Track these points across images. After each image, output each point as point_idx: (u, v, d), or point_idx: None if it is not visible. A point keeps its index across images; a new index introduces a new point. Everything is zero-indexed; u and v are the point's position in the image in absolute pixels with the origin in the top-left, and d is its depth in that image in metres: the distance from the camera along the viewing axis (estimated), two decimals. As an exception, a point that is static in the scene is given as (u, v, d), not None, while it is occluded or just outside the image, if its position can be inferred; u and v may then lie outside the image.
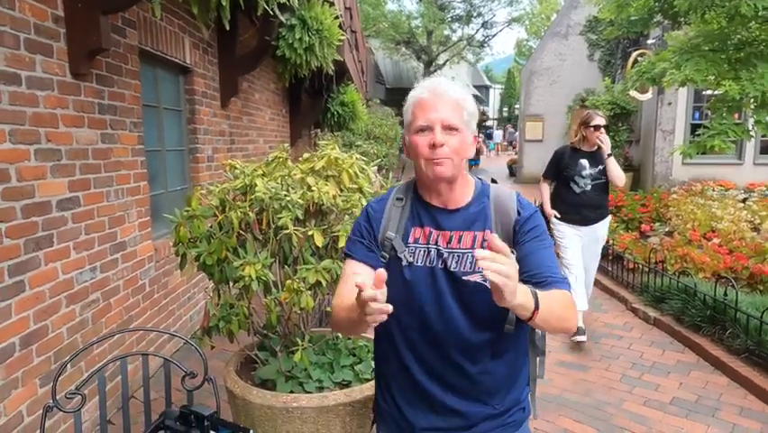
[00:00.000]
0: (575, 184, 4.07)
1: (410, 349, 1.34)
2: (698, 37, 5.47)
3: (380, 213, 1.37)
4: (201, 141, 4.63)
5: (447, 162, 1.26)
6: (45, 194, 2.52)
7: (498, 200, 1.34)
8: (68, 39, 2.67)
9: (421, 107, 1.27)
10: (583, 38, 15.03)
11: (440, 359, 1.31)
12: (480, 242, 1.30)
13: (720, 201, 6.98)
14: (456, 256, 1.29)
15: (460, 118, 1.26)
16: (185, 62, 4.23)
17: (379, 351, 1.45)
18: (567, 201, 4.14)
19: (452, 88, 1.28)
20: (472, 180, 1.39)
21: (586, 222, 4.13)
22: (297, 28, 5.00)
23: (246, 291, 1.97)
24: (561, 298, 1.21)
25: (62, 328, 2.65)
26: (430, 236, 1.32)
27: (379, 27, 19.48)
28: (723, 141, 5.00)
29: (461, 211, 1.33)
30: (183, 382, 1.72)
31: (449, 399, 1.32)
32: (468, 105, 1.29)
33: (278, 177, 2.15)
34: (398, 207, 1.36)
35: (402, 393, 1.37)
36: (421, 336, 1.31)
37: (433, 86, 1.29)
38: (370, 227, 1.37)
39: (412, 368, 1.34)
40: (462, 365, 1.30)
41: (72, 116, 2.73)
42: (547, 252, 1.31)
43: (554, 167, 4.22)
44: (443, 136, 1.24)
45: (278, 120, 7.60)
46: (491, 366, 1.32)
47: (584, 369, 3.76)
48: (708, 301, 4.10)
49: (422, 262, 1.31)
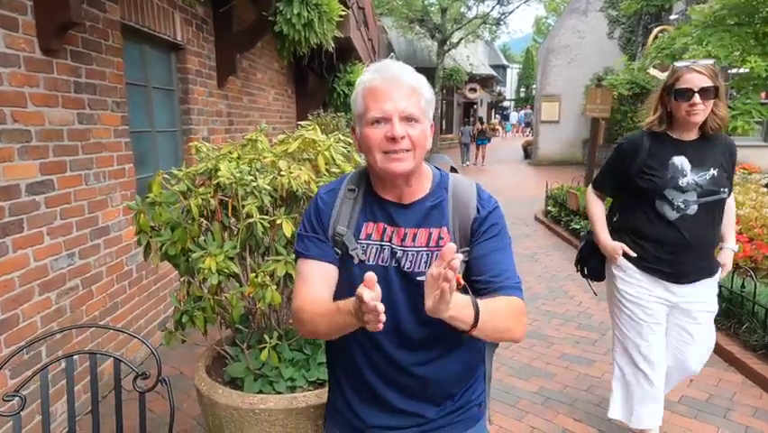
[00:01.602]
0: (666, 203, 2.17)
1: (361, 350, 1.26)
2: (723, 9, 5.12)
3: (330, 205, 1.24)
4: (195, 122, 4.48)
5: (407, 156, 1.13)
6: (12, 177, 2.39)
7: (456, 194, 1.23)
8: (35, 12, 2.51)
9: (373, 96, 1.13)
10: (603, 14, 14.47)
11: (389, 361, 1.23)
12: (435, 240, 1.18)
13: (742, 186, 6.64)
14: (410, 255, 1.18)
15: (418, 106, 1.14)
16: (175, 39, 4.06)
17: (331, 352, 1.38)
18: (650, 235, 2.23)
19: (406, 73, 1.15)
20: (430, 171, 1.25)
21: (683, 276, 2.24)
22: (294, 2, 4.79)
23: (204, 283, 1.82)
24: (506, 307, 1.12)
25: (36, 317, 2.56)
26: (384, 232, 1.20)
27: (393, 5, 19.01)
28: (746, 122, 4.71)
29: (416, 206, 1.20)
30: (134, 383, 1.59)
31: (400, 400, 1.26)
32: (425, 92, 1.17)
33: (249, 160, 1.98)
34: (350, 200, 1.23)
35: (355, 394, 1.31)
36: (370, 339, 1.21)
37: (385, 70, 1.15)
38: (319, 221, 1.24)
39: (363, 369, 1.27)
40: (412, 368, 1.23)
41: (43, 95, 2.59)
42: (503, 253, 1.21)
43: (619, 172, 2.29)
44: (402, 127, 1.11)
45: (282, 100, 7.42)
46: (443, 366, 1.25)
47: (588, 363, 3.58)
48: (723, 293, 3.86)
49: (374, 261, 1.19)
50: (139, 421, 1.61)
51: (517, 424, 2.88)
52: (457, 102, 25.41)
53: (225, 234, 1.99)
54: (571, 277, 5.52)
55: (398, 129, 1.10)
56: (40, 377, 1.52)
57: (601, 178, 2.46)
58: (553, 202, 8.00)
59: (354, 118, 1.21)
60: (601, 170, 2.47)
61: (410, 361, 1.23)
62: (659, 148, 2.21)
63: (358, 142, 1.21)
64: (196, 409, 2.87)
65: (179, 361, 3.48)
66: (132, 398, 2.25)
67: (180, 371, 3.39)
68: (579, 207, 6.87)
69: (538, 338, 3.96)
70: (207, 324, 1.96)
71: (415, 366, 1.23)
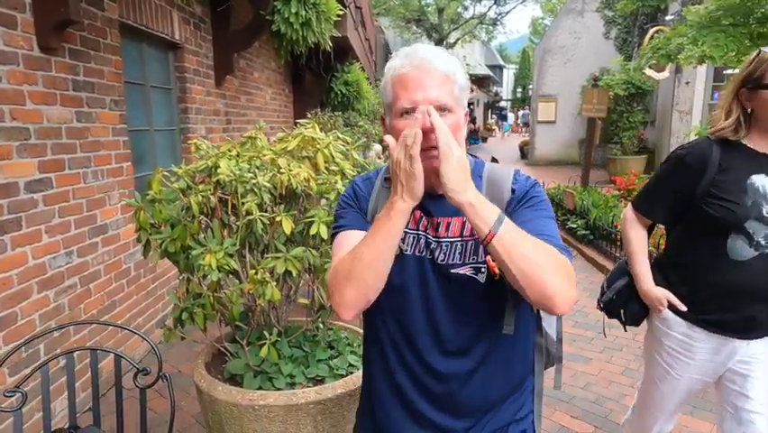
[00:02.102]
0: (741, 238, 1.62)
1: (395, 351, 1.17)
2: (718, 10, 5.15)
3: (368, 193, 1.19)
4: (193, 120, 4.48)
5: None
6: (11, 175, 2.39)
7: (490, 179, 1.15)
8: (34, 10, 2.51)
9: (403, 85, 1.05)
10: (599, 15, 14.52)
11: (423, 366, 1.14)
12: (469, 229, 1.10)
13: (737, 185, 6.68)
14: (444, 246, 1.11)
15: (451, 95, 1.05)
16: (173, 38, 4.07)
17: (366, 353, 1.29)
18: (713, 279, 1.68)
19: (438, 58, 1.06)
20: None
21: (750, 330, 1.70)
22: (292, 2, 4.79)
23: (204, 280, 1.83)
24: (545, 246, 0.98)
25: (34, 315, 2.56)
26: (420, 222, 1.14)
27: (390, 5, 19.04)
28: (741, 121, 4.73)
29: None
30: (135, 379, 1.59)
31: (431, 411, 1.16)
32: (459, 78, 1.07)
33: (248, 158, 1.99)
34: (386, 189, 1.14)
35: (384, 399, 1.22)
36: (406, 338, 1.15)
37: (415, 56, 1.06)
38: (357, 203, 1.19)
39: (396, 372, 1.17)
40: (447, 373, 1.13)
41: (42, 93, 2.59)
42: (540, 220, 1.08)
43: (677, 193, 1.73)
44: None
45: (280, 99, 7.42)
46: (482, 377, 1.14)
47: (585, 361, 3.60)
48: (719, 291, 3.88)
49: (411, 251, 1.13)
50: (140, 417, 1.62)
51: (515, 421, 2.90)
52: (454, 102, 25.48)
53: (225, 231, 1.99)
54: (568, 276, 5.55)
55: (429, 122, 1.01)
56: (41, 373, 1.53)
57: (648, 197, 1.82)
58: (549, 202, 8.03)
59: (384, 107, 1.13)
60: (648, 188, 1.84)
61: (446, 367, 1.13)
62: (733, 162, 1.62)
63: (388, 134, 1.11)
64: (195, 408, 2.87)
65: (177, 359, 3.48)
66: (130, 396, 2.26)
67: (178, 369, 3.39)
68: (575, 206, 6.90)
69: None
70: (207, 321, 1.97)
71: (451, 374, 1.13)
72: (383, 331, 1.18)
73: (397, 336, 1.15)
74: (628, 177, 8.20)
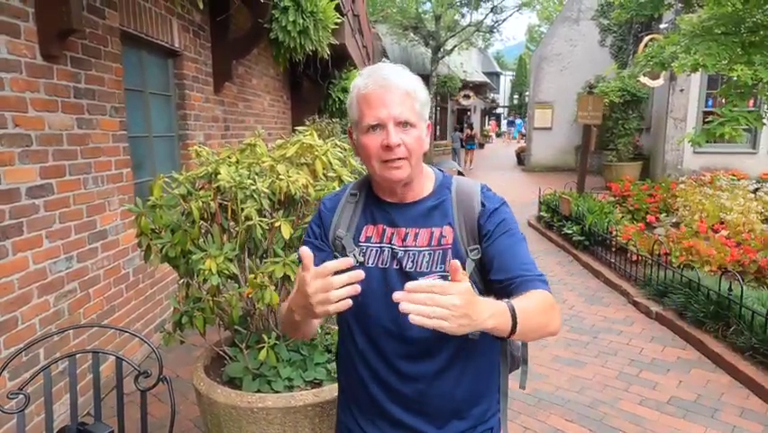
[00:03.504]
0: None
1: (362, 358, 1.23)
2: (710, 20, 5.23)
3: (332, 210, 1.27)
4: (192, 127, 4.53)
5: (404, 164, 1.13)
6: (13, 181, 2.42)
7: (460, 191, 1.21)
8: (37, 18, 2.56)
9: (368, 103, 1.12)
10: (595, 23, 14.66)
11: (392, 370, 1.19)
12: (437, 238, 1.17)
13: (730, 191, 6.76)
14: (411, 255, 1.17)
15: (412, 111, 1.13)
16: (173, 46, 4.11)
17: (338, 359, 1.37)
18: None
19: (399, 77, 1.13)
20: (432, 172, 1.26)
21: None
22: (290, 10, 4.86)
23: (204, 284, 1.86)
24: (540, 303, 1.06)
25: (34, 319, 2.58)
26: (384, 234, 1.20)
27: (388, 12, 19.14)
28: (734, 128, 4.79)
29: (416, 205, 1.20)
30: (136, 381, 1.62)
31: (402, 414, 1.20)
32: (420, 95, 1.15)
33: (248, 165, 2.03)
34: (351, 204, 1.25)
35: (358, 405, 1.28)
36: (372, 345, 1.21)
37: (378, 75, 1.13)
38: (321, 226, 1.27)
39: (365, 379, 1.23)
40: (416, 377, 1.18)
41: (43, 100, 2.63)
42: (519, 247, 1.16)
43: None
44: (397, 135, 1.11)
45: (278, 106, 7.47)
46: (449, 378, 1.19)
47: (580, 365, 3.64)
48: (711, 296, 3.94)
49: (373, 263, 1.19)
50: (140, 419, 1.65)
51: (511, 424, 2.92)
52: (451, 109, 25.55)
53: (224, 236, 2.03)
54: (564, 281, 5.59)
55: (393, 137, 1.10)
56: (43, 375, 1.56)
57: None
58: (545, 208, 8.08)
59: (351, 123, 1.20)
60: None
61: (414, 370, 1.18)
62: None
63: (356, 148, 1.21)
64: (193, 412, 2.89)
65: (176, 364, 3.50)
66: (129, 401, 2.28)
67: (177, 373, 3.41)
68: (571, 212, 6.96)
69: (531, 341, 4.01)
70: (206, 325, 2.00)
71: (418, 376, 1.18)
72: (350, 342, 1.25)
73: (366, 345, 1.21)
74: (623, 183, 8.27)
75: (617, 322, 4.39)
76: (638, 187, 8.08)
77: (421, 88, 1.16)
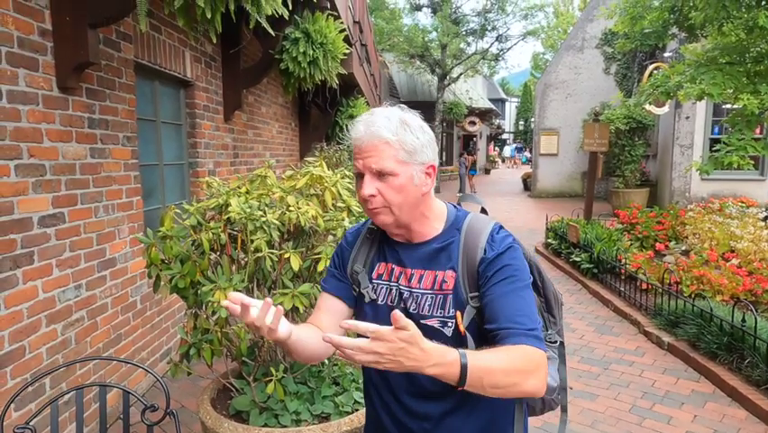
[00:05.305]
0: None
1: (376, 389, 1.27)
2: (714, 50, 5.29)
3: (352, 244, 1.30)
4: (201, 155, 4.58)
5: (384, 211, 1.13)
6: (26, 210, 2.45)
7: (468, 234, 1.18)
8: (55, 53, 2.63)
9: (356, 151, 1.13)
10: (599, 51, 14.85)
11: (400, 405, 1.22)
12: (440, 283, 1.16)
13: (740, 219, 6.71)
14: (416, 296, 1.18)
15: (394, 159, 1.09)
16: (185, 76, 4.20)
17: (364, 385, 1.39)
18: None
19: (381, 127, 1.09)
20: (443, 212, 1.23)
21: None
22: (300, 41, 4.96)
23: (213, 316, 1.85)
24: (512, 360, 1.00)
25: (41, 349, 2.57)
26: (392, 273, 1.22)
27: (394, 41, 19.48)
28: (741, 157, 4.80)
29: (422, 247, 1.20)
30: (143, 416, 1.61)
31: None
32: (407, 141, 1.10)
33: (258, 196, 2.04)
34: (369, 240, 1.28)
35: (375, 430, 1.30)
36: (382, 378, 1.23)
37: (363, 124, 1.12)
38: (341, 259, 1.30)
39: (380, 412, 1.27)
40: (423, 416, 1.19)
41: (58, 131, 2.68)
42: (514, 296, 1.10)
43: None
44: (372, 185, 1.10)
45: (286, 133, 7.56)
46: (458, 421, 1.18)
47: (592, 398, 3.56)
48: (724, 327, 3.87)
49: (384, 301, 1.21)
50: (146, 454, 1.62)
51: (521, 460, 2.86)
52: (457, 135, 25.77)
53: (233, 267, 2.03)
54: (573, 310, 5.52)
55: (366, 189, 1.10)
56: (50, 408, 1.54)
57: None
58: (553, 234, 8.05)
59: None
60: None
61: (423, 411, 1.18)
62: None
63: None
64: (197, 444, 2.85)
65: (181, 394, 3.47)
66: (135, 432, 2.25)
67: (182, 404, 3.37)
68: (578, 239, 6.92)
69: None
70: (213, 356, 1.98)
71: (428, 417, 1.18)
72: (367, 372, 1.30)
73: (376, 377, 1.25)
74: (631, 210, 8.24)
75: (629, 353, 4.31)
76: (646, 214, 8.04)
77: (411, 134, 1.11)
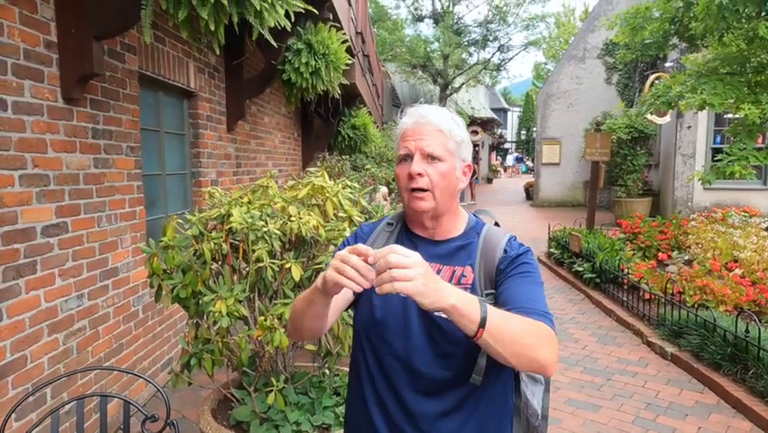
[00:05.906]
0: None
1: (374, 393, 1.22)
2: (715, 60, 5.31)
3: (368, 234, 1.32)
4: (204, 165, 4.60)
5: (427, 196, 1.18)
6: (29, 220, 2.47)
7: (487, 237, 1.24)
8: (60, 64, 2.65)
9: (404, 136, 1.22)
10: (600, 61, 14.91)
11: (399, 405, 1.19)
12: (458, 277, 1.20)
13: (743, 229, 6.69)
14: None
15: (443, 146, 1.19)
16: (189, 87, 4.23)
17: (348, 390, 1.34)
18: None
19: (437, 116, 1.21)
20: (465, 215, 1.30)
21: None
22: (303, 52, 4.99)
23: (214, 325, 1.86)
24: (530, 324, 1.04)
25: (43, 358, 2.57)
26: None
27: (396, 51, 19.64)
28: (743, 167, 4.80)
29: (445, 244, 1.25)
30: (143, 427, 1.61)
31: None
32: (455, 133, 1.21)
33: (259, 206, 2.05)
34: (387, 232, 1.31)
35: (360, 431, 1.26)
36: (381, 372, 1.21)
37: (417, 114, 1.22)
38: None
39: (373, 415, 1.22)
40: (418, 416, 1.16)
41: (62, 141, 2.70)
42: (531, 287, 1.16)
43: None
44: (421, 165, 1.17)
45: (289, 143, 7.60)
46: (453, 424, 1.16)
47: (595, 409, 3.54)
48: (728, 337, 3.85)
49: None
50: (146, 465, 1.62)
51: (523, 472, 2.83)
52: (459, 144, 25.88)
53: (235, 276, 2.04)
54: (575, 320, 5.50)
55: (416, 166, 1.16)
56: (51, 418, 1.54)
57: None
58: (555, 244, 8.03)
59: None
60: None
61: (418, 408, 1.16)
62: None
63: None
64: (197, 454, 2.83)
65: (181, 403, 3.46)
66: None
67: (182, 414, 3.36)
68: (581, 249, 6.90)
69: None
70: (214, 366, 1.98)
71: (421, 415, 1.16)
72: (363, 366, 1.25)
73: (375, 371, 1.21)
74: (633, 220, 8.22)
75: (632, 363, 4.28)
76: (649, 223, 8.03)
77: (457, 129, 1.22)
